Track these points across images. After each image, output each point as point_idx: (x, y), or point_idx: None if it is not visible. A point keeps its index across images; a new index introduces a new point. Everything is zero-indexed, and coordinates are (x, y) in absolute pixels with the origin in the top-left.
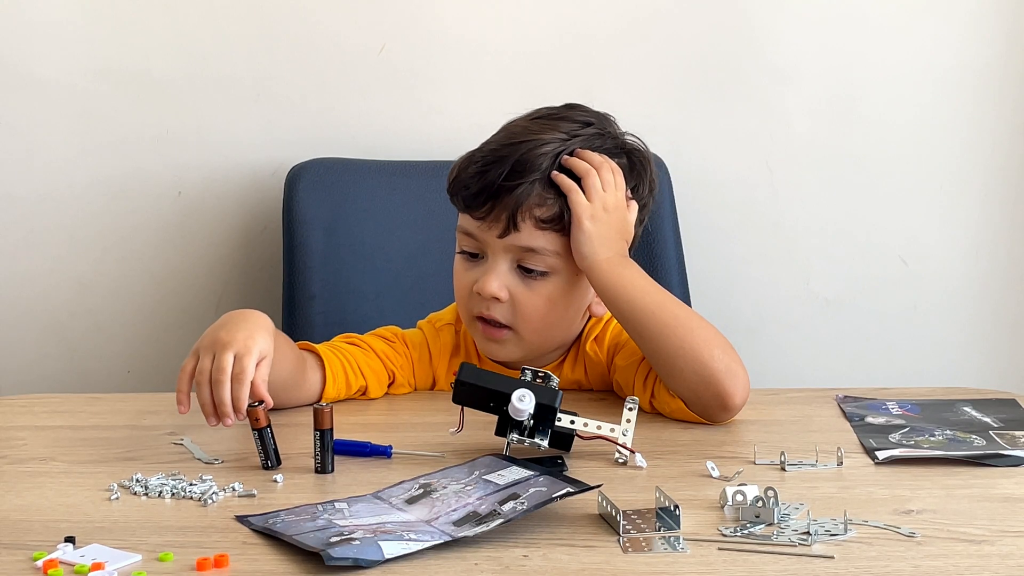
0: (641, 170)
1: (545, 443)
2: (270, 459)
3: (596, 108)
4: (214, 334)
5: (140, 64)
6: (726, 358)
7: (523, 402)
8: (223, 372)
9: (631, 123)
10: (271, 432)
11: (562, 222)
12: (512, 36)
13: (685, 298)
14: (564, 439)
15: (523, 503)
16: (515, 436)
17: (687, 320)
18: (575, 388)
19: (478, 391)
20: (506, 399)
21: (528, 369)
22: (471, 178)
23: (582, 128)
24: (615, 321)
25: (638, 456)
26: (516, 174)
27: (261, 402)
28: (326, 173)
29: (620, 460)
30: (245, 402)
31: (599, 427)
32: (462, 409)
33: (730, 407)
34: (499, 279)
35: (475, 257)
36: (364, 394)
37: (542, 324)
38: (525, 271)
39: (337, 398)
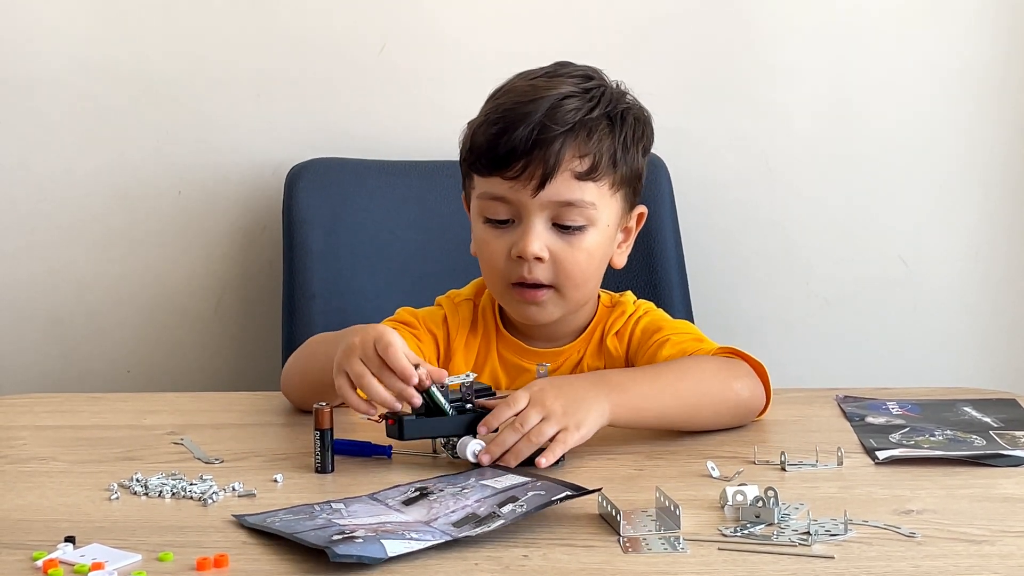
0: (645, 126)
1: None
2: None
3: None
4: (346, 343)
5: (140, 64)
6: (743, 383)
7: (476, 450)
8: (372, 361)
9: None
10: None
11: (597, 172)
12: (512, 36)
13: (685, 299)
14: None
15: (522, 506)
16: (448, 455)
17: (697, 385)
18: None
19: (426, 432)
20: (455, 434)
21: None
22: (494, 138)
23: (586, 81)
24: (631, 317)
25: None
26: (547, 128)
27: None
28: (326, 173)
29: None
30: (410, 368)
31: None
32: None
33: (759, 410)
34: (539, 239)
35: (504, 224)
36: None
37: (582, 278)
38: (562, 228)
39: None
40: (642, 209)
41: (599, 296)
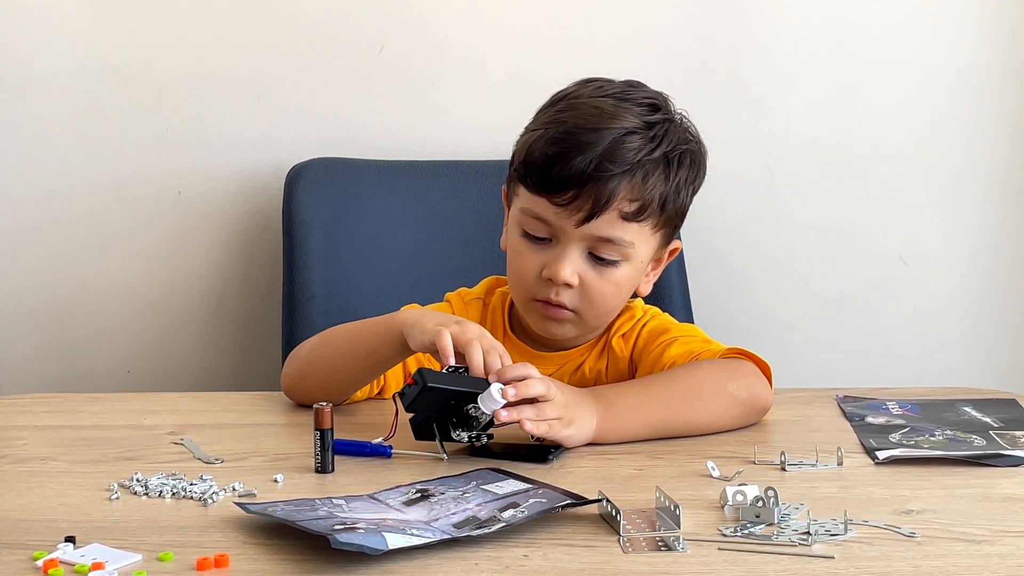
0: (700, 167)
1: (486, 437)
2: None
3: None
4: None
5: (140, 64)
6: (740, 383)
7: (501, 394)
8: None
9: None
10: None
11: (643, 214)
12: (512, 36)
13: (685, 299)
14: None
15: (523, 511)
16: (465, 435)
17: (688, 391)
18: (594, 379)
19: (442, 394)
20: (471, 397)
21: (454, 366)
22: (551, 160)
23: (652, 112)
24: (639, 321)
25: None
26: (604, 166)
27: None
28: (326, 173)
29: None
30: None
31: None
32: (396, 415)
33: (768, 408)
34: (572, 266)
35: (541, 241)
36: (381, 392)
37: (606, 309)
38: (596, 258)
39: (360, 398)
40: (677, 244)
41: None
